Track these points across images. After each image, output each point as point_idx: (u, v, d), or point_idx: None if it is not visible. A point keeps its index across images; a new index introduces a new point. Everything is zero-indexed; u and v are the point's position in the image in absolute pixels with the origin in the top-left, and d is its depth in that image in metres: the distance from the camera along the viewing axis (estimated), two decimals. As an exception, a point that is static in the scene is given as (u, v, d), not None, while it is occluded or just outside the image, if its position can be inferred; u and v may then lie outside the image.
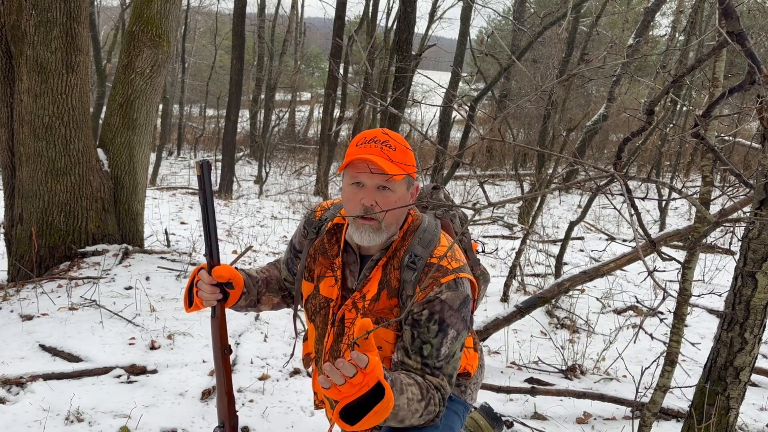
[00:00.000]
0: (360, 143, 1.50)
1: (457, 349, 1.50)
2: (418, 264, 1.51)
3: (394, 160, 1.47)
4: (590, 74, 7.90)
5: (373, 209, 1.46)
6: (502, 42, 6.65)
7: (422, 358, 1.47)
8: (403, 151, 1.50)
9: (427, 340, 1.46)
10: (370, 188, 1.47)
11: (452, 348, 1.48)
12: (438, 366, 1.47)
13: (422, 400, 1.41)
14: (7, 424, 2.35)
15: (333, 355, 1.60)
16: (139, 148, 4.43)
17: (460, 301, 1.48)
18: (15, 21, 3.77)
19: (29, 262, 3.97)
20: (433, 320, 1.46)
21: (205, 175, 1.51)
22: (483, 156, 15.89)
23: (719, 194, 1.86)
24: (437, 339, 1.46)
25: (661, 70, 6.80)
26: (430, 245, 1.53)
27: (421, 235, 1.55)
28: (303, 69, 26.21)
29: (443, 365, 1.48)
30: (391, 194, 1.48)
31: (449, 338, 1.47)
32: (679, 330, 1.99)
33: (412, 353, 1.47)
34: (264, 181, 13.13)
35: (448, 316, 1.46)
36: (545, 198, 5.99)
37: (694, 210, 2.20)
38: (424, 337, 1.46)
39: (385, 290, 1.53)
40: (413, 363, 1.47)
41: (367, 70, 10.83)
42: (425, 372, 1.47)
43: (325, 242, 1.64)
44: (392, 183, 1.47)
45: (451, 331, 1.47)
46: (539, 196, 5.47)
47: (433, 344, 1.46)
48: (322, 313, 1.63)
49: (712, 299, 4.61)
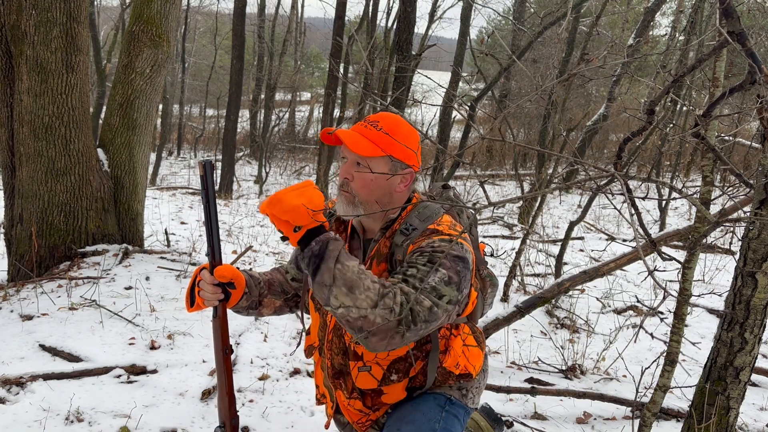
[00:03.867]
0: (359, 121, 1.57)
1: (446, 294, 1.38)
2: (411, 232, 1.50)
3: (370, 139, 1.50)
4: (590, 74, 7.90)
5: (348, 182, 1.53)
6: (502, 42, 6.64)
7: (404, 275, 1.40)
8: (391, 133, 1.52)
9: (414, 265, 1.41)
10: (349, 162, 1.54)
11: (440, 288, 1.38)
12: (418, 287, 1.36)
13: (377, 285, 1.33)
14: (7, 424, 2.35)
15: (336, 333, 1.62)
16: (139, 148, 4.43)
17: (456, 253, 1.43)
18: (15, 21, 3.76)
19: (29, 262, 3.97)
20: (424, 255, 1.42)
21: (207, 175, 1.51)
22: (483, 156, 15.89)
23: (719, 194, 1.86)
24: (425, 268, 1.39)
25: (661, 70, 6.80)
26: (428, 220, 1.53)
27: (420, 210, 1.56)
28: (303, 69, 26.21)
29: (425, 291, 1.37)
30: (365, 171, 1.51)
31: (438, 276, 1.38)
32: (679, 330, 1.99)
33: (395, 275, 1.41)
34: (264, 181, 13.13)
35: (440, 258, 1.39)
36: (545, 198, 5.99)
37: (694, 210, 2.20)
38: (412, 263, 1.42)
39: (375, 259, 1.56)
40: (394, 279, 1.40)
41: (367, 70, 10.84)
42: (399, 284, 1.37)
43: (333, 230, 1.68)
44: (368, 160, 1.51)
45: (442, 271, 1.39)
46: (539, 196, 5.47)
47: (420, 270, 1.39)
48: None
49: (712, 299, 4.61)
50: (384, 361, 1.58)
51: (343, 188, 1.54)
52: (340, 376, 1.65)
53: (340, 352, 1.62)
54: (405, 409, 1.63)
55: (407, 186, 1.57)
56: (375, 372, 1.58)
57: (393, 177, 1.53)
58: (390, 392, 1.62)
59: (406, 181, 1.57)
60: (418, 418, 1.58)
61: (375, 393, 1.63)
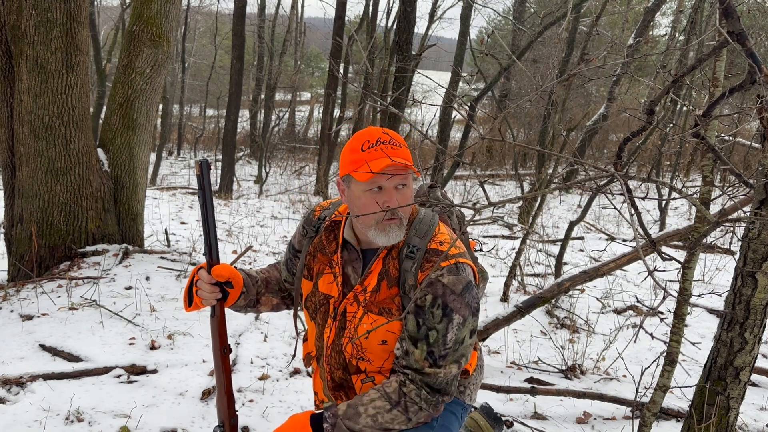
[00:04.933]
0: (366, 147, 1.48)
1: (465, 335, 1.48)
2: (417, 254, 1.51)
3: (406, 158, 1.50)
4: (590, 74, 7.90)
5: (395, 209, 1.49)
6: (502, 42, 6.64)
7: (428, 345, 1.45)
8: (405, 146, 1.55)
9: (432, 326, 1.45)
10: (390, 190, 1.48)
11: (459, 334, 1.46)
12: (443, 354, 1.45)
13: (394, 407, 1.44)
14: (7, 424, 2.35)
15: (335, 349, 1.59)
16: (139, 148, 4.43)
17: (462, 285, 1.47)
18: (15, 21, 3.76)
19: (29, 262, 3.97)
20: (437, 305, 1.45)
21: (204, 174, 1.52)
22: (483, 156, 15.89)
23: (719, 194, 1.86)
24: (442, 325, 1.45)
25: (661, 70, 6.80)
26: (426, 235, 1.54)
27: (417, 227, 1.55)
28: (303, 69, 26.22)
29: (449, 353, 1.46)
30: (408, 191, 1.52)
31: (455, 324, 1.45)
32: (679, 330, 1.99)
33: (419, 341, 1.46)
34: (264, 181, 13.12)
35: (452, 301, 1.45)
36: (545, 198, 5.99)
37: (694, 210, 2.20)
38: (429, 323, 1.45)
39: (385, 280, 1.53)
40: (419, 352, 1.45)
41: (367, 70, 10.83)
42: (426, 364, 1.45)
43: (323, 240, 1.65)
44: (408, 180, 1.51)
45: (456, 317, 1.45)
46: (539, 196, 5.47)
47: (439, 330, 1.45)
48: (322, 310, 1.63)
49: (712, 299, 4.61)
50: (387, 371, 1.57)
51: (395, 215, 1.50)
52: (341, 389, 1.64)
53: (340, 367, 1.60)
54: None
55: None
56: (378, 382, 1.58)
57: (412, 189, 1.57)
58: None
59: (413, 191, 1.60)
60: None
61: None
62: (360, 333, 1.52)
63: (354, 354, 1.55)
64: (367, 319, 1.52)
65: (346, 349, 1.57)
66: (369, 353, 1.53)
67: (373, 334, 1.51)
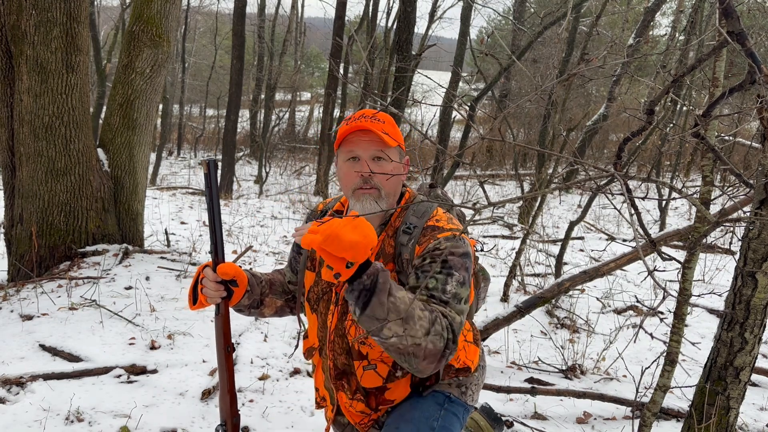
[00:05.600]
0: (350, 120, 1.56)
1: (464, 296, 1.46)
2: (413, 231, 1.53)
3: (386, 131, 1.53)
4: (590, 74, 7.90)
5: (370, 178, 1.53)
6: (502, 42, 6.65)
7: (428, 290, 1.44)
8: (391, 123, 1.57)
9: (432, 276, 1.45)
10: (365, 160, 1.54)
11: (459, 291, 1.45)
12: (445, 300, 1.43)
13: (427, 312, 1.37)
14: (7, 424, 2.35)
15: (338, 333, 1.60)
16: (139, 148, 4.43)
17: (462, 250, 1.47)
18: (15, 21, 3.76)
19: (29, 262, 3.97)
20: (437, 261, 1.45)
21: (211, 173, 1.54)
22: (483, 156, 15.89)
23: (719, 194, 1.86)
24: (442, 275, 1.45)
25: (661, 70, 6.80)
26: (424, 216, 1.56)
27: (415, 208, 1.58)
28: (303, 69, 26.22)
29: (450, 301, 1.43)
30: (386, 163, 1.54)
31: (454, 280, 1.44)
32: (679, 330, 1.99)
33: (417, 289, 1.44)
34: (264, 181, 13.12)
35: (451, 259, 1.45)
36: (545, 198, 5.99)
37: (694, 210, 2.20)
38: (429, 274, 1.45)
39: (381, 259, 1.55)
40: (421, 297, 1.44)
41: (367, 70, 10.83)
42: (431, 302, 1.43)
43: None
44: (387, 152, 1.54)
45: (456, 274, 1.45)
46: (539, 196, 5.47)
47: (438, 279, 1.45)
48: (324, 299, 1.64)
49: (712, 299, 4.61)
50: (389, 358, 1.57)
51: (367, 185, 1.53)
52: (343, 376, 1.64)
53: (344, 352, 1.61)
54: (404, 407, 1.63)
55: (406, 169, 1.61)
56: (380, 370, 1.58)
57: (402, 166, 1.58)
58: (394, 389, 1.62)
59: (405, 166, 1.61)
60: (417, 416, 1.58)
61: (379, 391, 1.63)
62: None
63: (357, 336, 1.56)
64: None
65: (349, 332, 1.57)
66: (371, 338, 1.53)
67: None
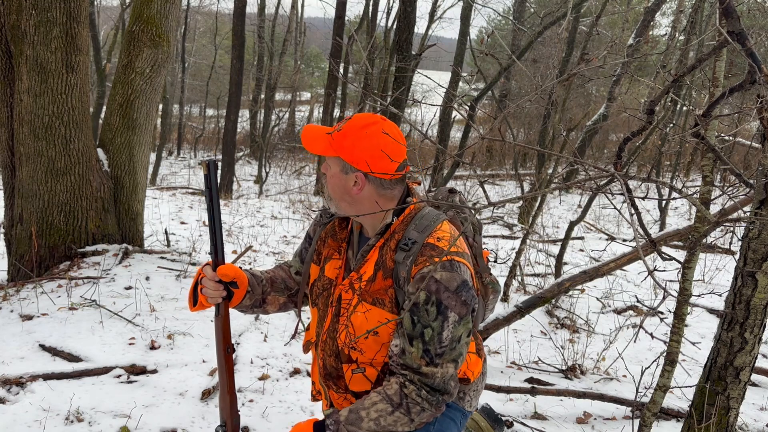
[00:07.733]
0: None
1: (461, 334, 1.46)
2: (412, 247, 1.49)
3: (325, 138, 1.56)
4: (590, 74, 7.90)
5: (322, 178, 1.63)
6: (502, 42, 6.61)
7: (424, 344, 1.44)
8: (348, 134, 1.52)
9: (427, 324, 1.43)
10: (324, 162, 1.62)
11: (455, 332, 1.44)
12: (440, 353, 1.44)
13: (396, 409, 1.44)
14: (7, 424, 2.35)
15: (330, 335, 1.59)
16: (139, 148, 4.43)
17: (457, 283, 1.44)
18: (15, 21, 3.76)
19: (29, 262, 3.97)
20: (431, 302, 1.43)
21: (211, 174, 1.54)
22: (483, 156, 15.89)
23: (719, 194, 1.86)
24: (437, 323, 1.43)
25: (661, 70, 6.80)
26: (426, 230, 1.51)
27: (417, 221, 1.54)
28: (303, 69, 26.21)
29: (446, 351, 1.44)
30: (326, 167, 1.59)
31: (450, 322, 1.43)
32: (679, 330, 1.99)
33: (414, 339, 1.44)
34: (264, 181, 13.13)
35: (446, 298, 1.43)
36: (545, 198, 6.00)
37: (694, 210, 2.20)
38: (424, 321, 1.43)
39: (381, 271, 1.52)
40: (415, 350, 1.44)
41: (367, 70, 10.83)
42: (423, 362, 1.44)
43: (336, 226, 1.68)
44: (327, 159, 1.59)
45: (452, 315, 1.43)
46: (539, 195, 5.47)
47: (434, 328, 1.43)
48: (324, 295, 1.64)
49: (712, 299, 4.61)
50: (378, 363, 1.56)
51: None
52: (330, 378, 1.62)
53: (333, 354, 1.59)
54: None
55: (361, 189, 1.52)
56: (369, 374, 1.56)
57: (347, 178, 1.52)
58: None
59: (359, 185, 1.52)
60: None
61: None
62: (353, 321, 1.52)
63: (346, 342, 1.55)
64: (361, 308, 1.52)
65: (339, 336, 1.56)
66: (361, 344, 1.53)
67: (364, 323, 1.50)
